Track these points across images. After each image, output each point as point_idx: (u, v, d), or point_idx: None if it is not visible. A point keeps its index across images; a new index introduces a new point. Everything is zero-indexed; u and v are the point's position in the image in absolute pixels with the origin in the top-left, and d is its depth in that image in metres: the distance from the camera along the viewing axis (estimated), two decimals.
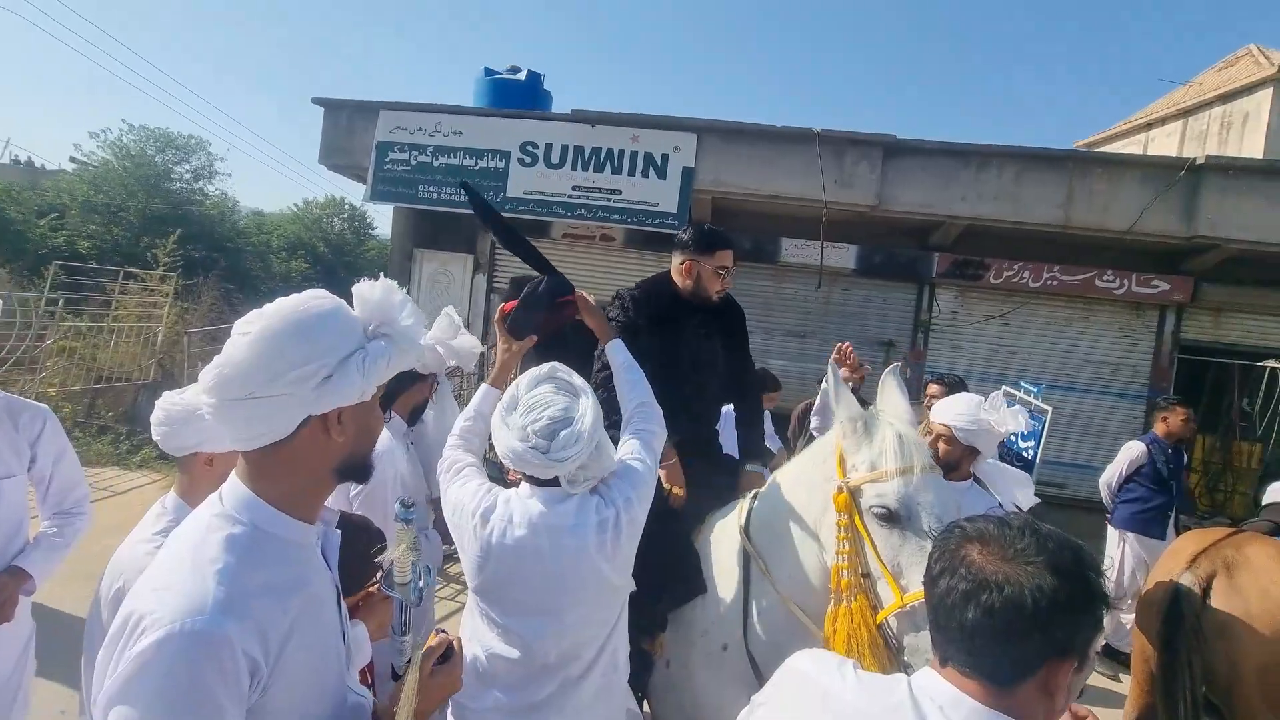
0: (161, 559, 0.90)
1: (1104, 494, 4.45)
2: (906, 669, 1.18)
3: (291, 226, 28.27)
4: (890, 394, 1.51)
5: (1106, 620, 3.73)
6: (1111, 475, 4.33)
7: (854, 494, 1.37)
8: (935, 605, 0.81)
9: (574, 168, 7.26)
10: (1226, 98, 13.62)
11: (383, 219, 30.23)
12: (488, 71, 8.33)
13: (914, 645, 1.16)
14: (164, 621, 0.78)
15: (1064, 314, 7.39)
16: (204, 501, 0.98)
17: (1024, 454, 5.37)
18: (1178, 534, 3.85)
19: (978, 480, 2.18)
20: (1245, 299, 7.11)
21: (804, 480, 1.57)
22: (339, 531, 1.11)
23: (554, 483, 1.37)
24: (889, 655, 1.26)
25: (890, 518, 1.30)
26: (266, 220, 29.81)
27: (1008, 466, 2.34)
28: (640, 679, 1.76)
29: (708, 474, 1.87)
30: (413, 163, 7.44)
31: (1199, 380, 7.72)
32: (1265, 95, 12.78)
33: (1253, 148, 12.62)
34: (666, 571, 1.67)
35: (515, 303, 1.76)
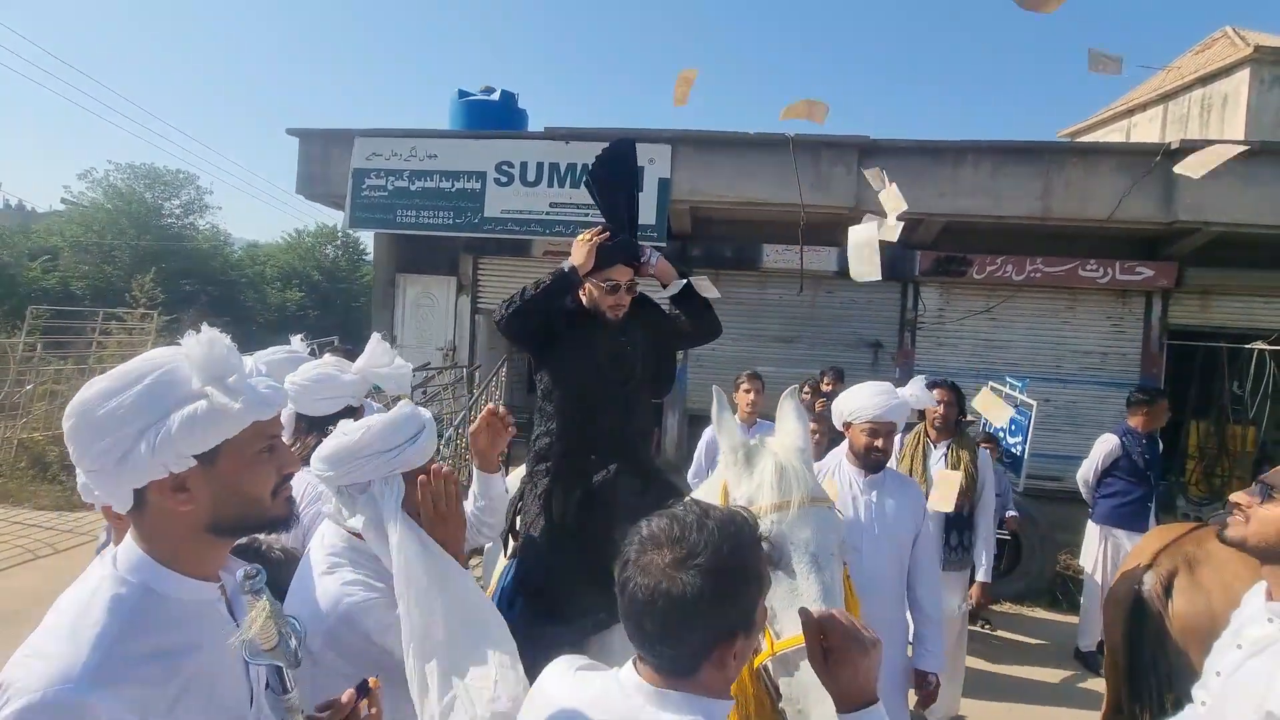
0: (45, 624, 0.89)
1: (1083, 490, 4.38)
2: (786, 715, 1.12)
3: (285, 256, 28.38)
4: (786, 419, 1.40)
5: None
6: (1088, 470, 4.26)
7: None
8: (624, 612, 0.88)
9: (550, 185, 7.26)
10: (1205, 80, 13.65)
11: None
12: (461, 93, 8.37)
13: (789, 693, 1.08)
14: (28, 690, 0.77)
15: (1049, 306, 7.35)
16: (95, 562, 0.97)
17: (1013, 449, 5.31)
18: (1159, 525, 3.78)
19: None
20: (1230, 281, 7.07)
21: None
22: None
23: None
24: (771, 703, 1.17)
25: None
26: (260, 251, 29.95)
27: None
28: None
29: (637, 493, 1.82)
30: (390, 188, 7.45)
31: (1189, 365, 7.66)
32: (1243, 76, 12.80)
33: (1233, 129, 12.63)
34: (589, 597, 1.62)
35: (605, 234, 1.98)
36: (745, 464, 1.29)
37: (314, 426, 1.92)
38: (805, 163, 6.84)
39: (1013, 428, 5.23)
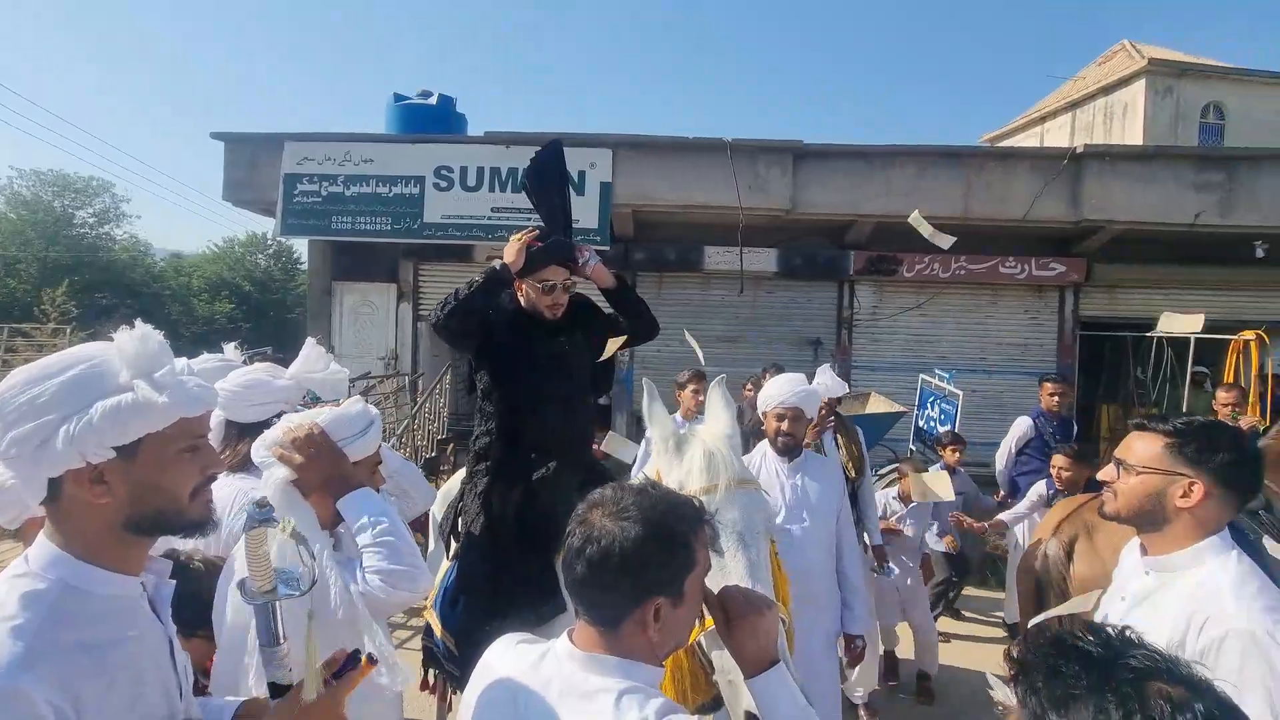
0: None
1: (998, 471, 4.64)
2: (719, 688, 1.17)
3: (213, 266, 27.06)
4: (713, 407, 1.45)
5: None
6: (1002, 451, 4.55)
7: None
8: (562, 563, 0.94)
9: (492, 189, 7.22)
10: (1107, 90, 14.73)
11: None
12: (398, 97, 8.22)
13: (720, 665, 1.13)
14: None
15: (974, 301, 7.76)
16: (10, 565, 0.95)
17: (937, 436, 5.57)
18: None
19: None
20: (1133, 275, 7.63)
21: None
22: (173, 582, 1.08)
23: None
24: (706, 677, 1.23)
25: None
26: (185, 262, 28.46)
27: None
28: None
29: (578, 489, 1.84)
30: (323, 194, 7.24)
31: (1099, 354, 8.23)
32: (1139, 86, 13.88)
33: (1133, 135, 13.65)
34: (530, 592, 1.64)
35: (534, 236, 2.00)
36: (675, 452, 1.34)
37: (245, 434, 1.88)
38: (743, 166, 7.03)
39: (941, 417, 5.50)
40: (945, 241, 3.54)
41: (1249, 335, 5.51)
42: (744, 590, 1.06)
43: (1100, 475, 1.36)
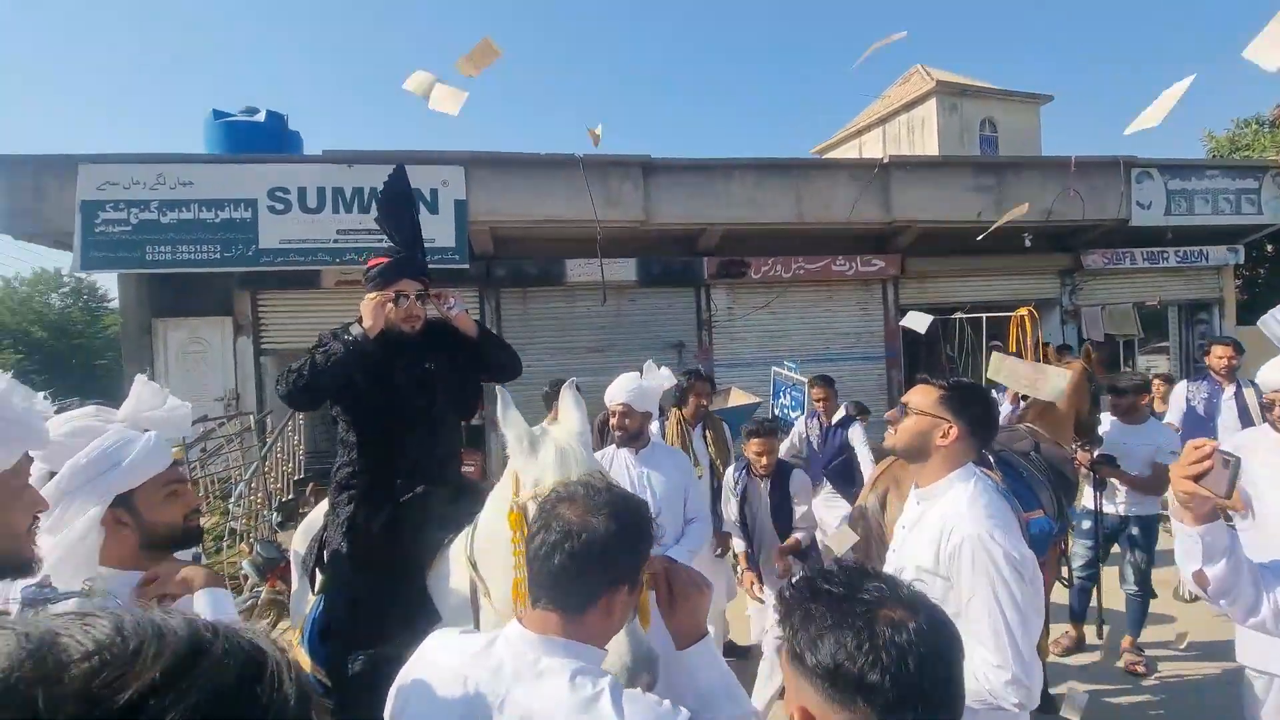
0: None
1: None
2: None
3: None
4: (565, 407, 1.56)
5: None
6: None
7: (524, 511, 1.39)
8: (531, 557, 0.98)
9: (335, 210, 6.86)
10: (908, 107, 16.90)
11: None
12: (218, 114, 7.56)
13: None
14: None
15: (813, 297, 8.58)
16: None
17: (793, 424, 6.11)
18: None
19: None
20: (938, 267, 8.84)
21: (496, 501, 1.57)
22: None
23: None
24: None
25: None
26: None
27: None
28: None
29: (448, 503, 1.86)
30: (134, 221, 6.48)
31: (918, 336, 9.41)
32: (932, 105, 16.08)
33: (931, 146, 15.76)
34: (400, 612, 1.65)
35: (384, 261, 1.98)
36: (531, 451, 1.43)
37: None
38: (595, 181, 7.26)
39: (791, 403, 6.04)
40: None
41: (1023, 311, 6.60)
42: (688, 569, 1.15)
43: (887, 416, 1.64)
